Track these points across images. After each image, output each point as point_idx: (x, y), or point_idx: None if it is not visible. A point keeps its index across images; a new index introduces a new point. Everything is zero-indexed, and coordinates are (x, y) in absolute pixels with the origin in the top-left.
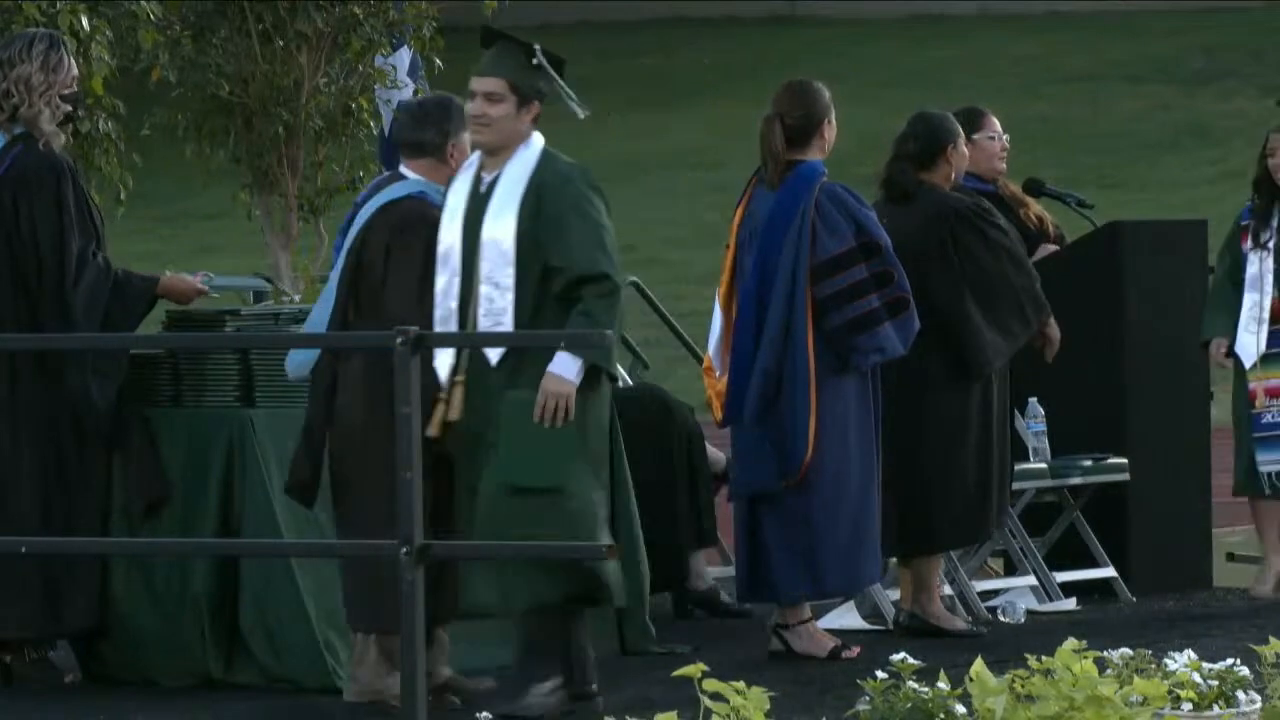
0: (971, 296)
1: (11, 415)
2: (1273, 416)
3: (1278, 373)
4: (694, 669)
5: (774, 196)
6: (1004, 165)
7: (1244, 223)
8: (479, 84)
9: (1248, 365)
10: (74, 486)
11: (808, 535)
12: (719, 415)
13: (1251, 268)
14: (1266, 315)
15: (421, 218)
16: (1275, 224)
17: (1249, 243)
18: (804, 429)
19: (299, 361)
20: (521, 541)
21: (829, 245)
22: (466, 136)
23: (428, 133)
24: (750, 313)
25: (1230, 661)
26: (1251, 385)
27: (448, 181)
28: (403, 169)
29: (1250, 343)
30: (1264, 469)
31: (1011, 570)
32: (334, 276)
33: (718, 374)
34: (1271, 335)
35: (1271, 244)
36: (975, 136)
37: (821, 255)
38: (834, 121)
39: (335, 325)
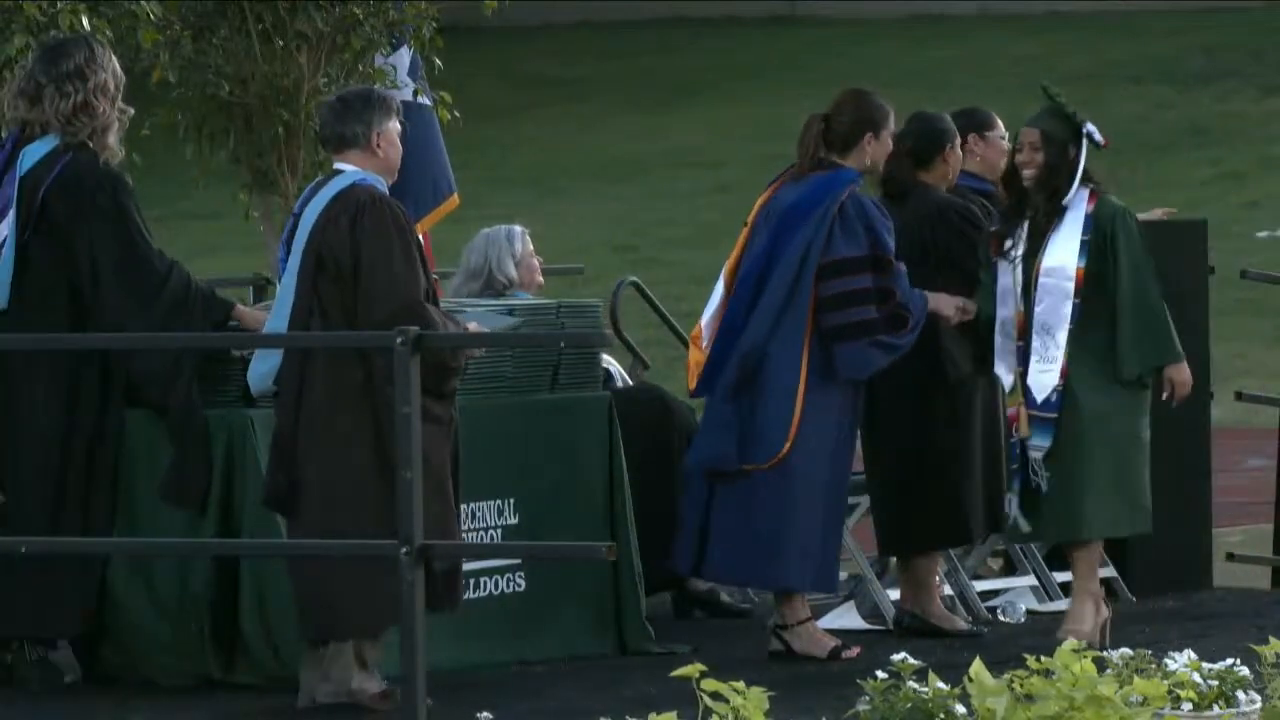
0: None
1: (30, 414)
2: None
3: (1017, 399)
4: (693, 669)
5: (801, 188)
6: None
7: (993, 229)
8: None
9: (1007, 388)
10: (91, 487)
11: (759, 523)
12: (692, 384)
13: (1002, 279)
14: (1014, 332)
15: (380, 198)
16: (1023, 231)
17: (996, 249)
18: (786, 421)
19: (261, 374)
20: (518, 543)
21: (841, 247)
22: (392, 125)
23: (351, 125)
24: (747, 292)
25: (1230, 661)
26: (1011, 410)
27: (380, 172)
28: (336, 164)
29: (1006, 365)
30: (1011, 508)
31: (1011, 570)
32: (284, 284)
33: (704, 344)
34: (1017, 352)
35: (1019, 254)
36: (988, 135)
37: (831, 255)
38: (885, 139)
39: (296, 329)
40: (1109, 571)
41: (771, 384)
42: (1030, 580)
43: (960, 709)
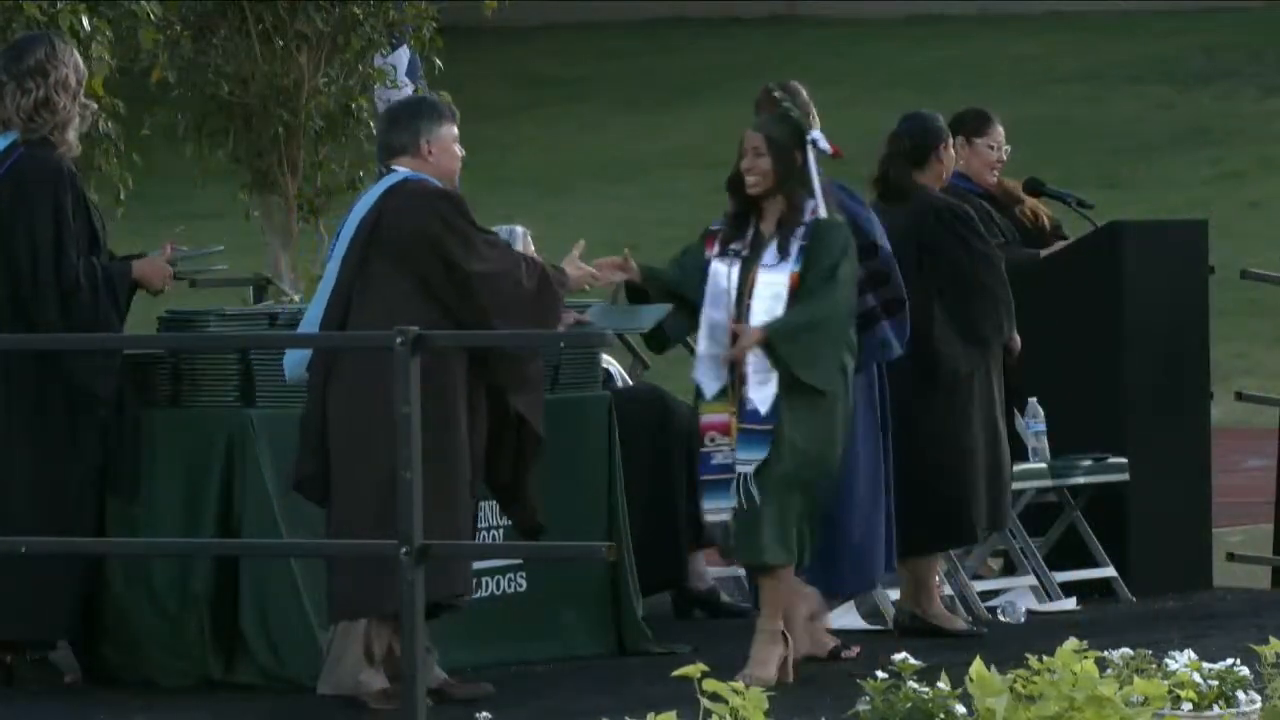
0: (941, 303)
1: (6, 415)
2: (723, 457)
3: (727, 407)
4: (694, 669)
5: None
6: (994, 178)
7: (713, 228)
8: None
9: (709, 396)
10: (70, 487)
11: (824, 537)
12: None
13: (717, 282)
14: (724, 338)
15: (437, 188)
16: (750, 235)
17: (714, 250)
18: None
19: (295, 361)
20: (519, 543)
21: None
22: (445, 131)
23: (400, 135)
24: None
25: (1230, 661)
26: (703, 419)
27: (435, 177)
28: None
29: (712, 371)
30: (709, 519)
31: (1011, 570)
32: (328, 272)
33: None
34: (727, 361)
35: (742, 256)
36: (976, 141)
37: None
38: (815, 118)
39: (333, 318)
40: (1109, 571)
41: None
42: (1030, 580)
43: (960, 709)
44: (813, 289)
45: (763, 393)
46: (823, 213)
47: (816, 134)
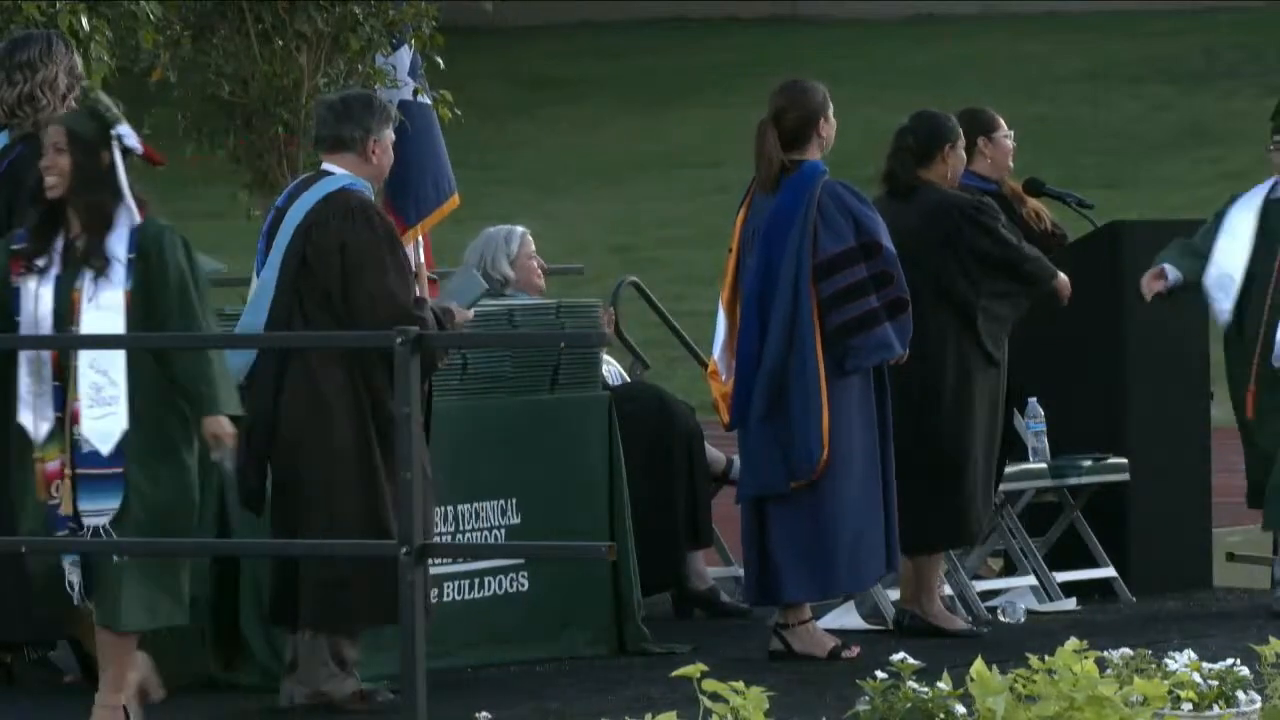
0: (981, 288)
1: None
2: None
3: (59, 452)
4: (693, 669)
5: (776, 197)
6: (1012, 164)
7: (15, 246)
8: None
9: (41, 439)
10: None
11: (816, 536)
12: (726, 418)
13: (30, 306)
14: (49, 372)
15: (370, 206)
16: (59, 247)
17: (19, 270)
18: (817, 430)
19: (233, 369)
20: (519, 543)
21: (828, 245)
22: (389, 133)
23: (349, 129)
24: (753, 314)
25: (1230, 661)
26: (51, 465)
27: (370, 178)
28: (325, 165)
29: (41, 409)
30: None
31: (1011, 570)
32: (263, 280)
33: (723, 377)
34: (55, 395)
35: (55, 275)
36: (995, 135)
37: (821, 255)
38: (831, 118)
39: (278, 329)
40: (1109, 571)
41: (798, 395)
42: (1030, 580)
43: (960, 709)
44: (170, 318)
45: (102, 430)
46: (138, 217)
47: (125, 130)
